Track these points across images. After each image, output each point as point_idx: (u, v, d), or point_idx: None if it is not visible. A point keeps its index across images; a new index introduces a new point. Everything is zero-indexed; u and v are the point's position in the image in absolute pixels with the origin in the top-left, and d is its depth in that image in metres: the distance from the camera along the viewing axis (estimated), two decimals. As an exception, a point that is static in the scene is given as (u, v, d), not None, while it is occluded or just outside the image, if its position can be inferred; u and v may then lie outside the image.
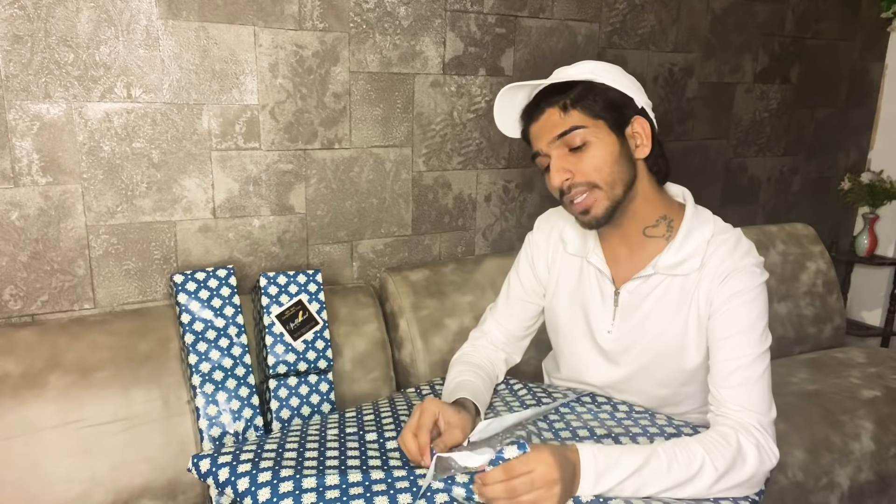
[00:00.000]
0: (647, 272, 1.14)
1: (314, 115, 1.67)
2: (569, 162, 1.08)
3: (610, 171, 1.07)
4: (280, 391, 1.45)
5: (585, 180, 1.07)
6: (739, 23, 2.32)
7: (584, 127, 1.06)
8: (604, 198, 1.08)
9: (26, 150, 1.41)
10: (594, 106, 1.07)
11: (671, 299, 1.13)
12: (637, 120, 1.10)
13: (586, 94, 1.07)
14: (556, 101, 1.08)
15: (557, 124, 1.08)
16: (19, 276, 1.45)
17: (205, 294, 1.44)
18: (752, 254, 1.11)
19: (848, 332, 2.47)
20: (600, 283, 1.20)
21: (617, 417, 1.14)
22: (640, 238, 1.15)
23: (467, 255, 1.97)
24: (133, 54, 1.45)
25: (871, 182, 2.60)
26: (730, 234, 1.13)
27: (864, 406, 1.75)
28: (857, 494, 1.61)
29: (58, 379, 1.32)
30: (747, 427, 1.01)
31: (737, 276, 1.08)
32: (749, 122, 2.45)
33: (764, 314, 1.08)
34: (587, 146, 1.07)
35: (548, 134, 1.09)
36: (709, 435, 1.00)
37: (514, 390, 1.28)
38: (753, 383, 1.04)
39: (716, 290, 1.08)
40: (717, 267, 1.09)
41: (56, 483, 1.27)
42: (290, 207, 1.69)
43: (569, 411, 1.16)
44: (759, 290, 1.09)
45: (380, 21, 1.70)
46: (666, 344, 1.14)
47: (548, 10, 1.94)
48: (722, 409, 1.04)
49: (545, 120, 1.09)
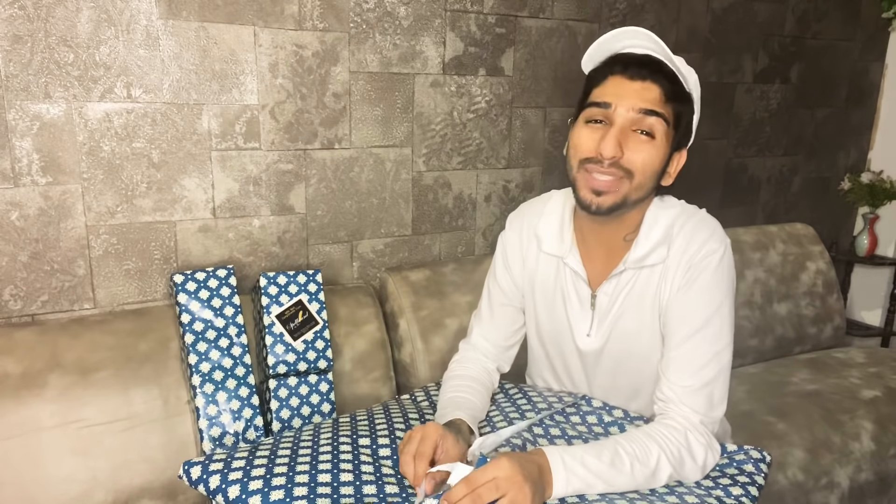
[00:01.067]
0: (619, 269, 1.12)
1: (314, 115, 1.67)
2: (627, 142, 1.01)
3: (649, 176, 1.03)
4: (280, 391, 1.45)
5: (628, 167, 1.01)
6: (739, 23, 2.32)
7: (667, 123, 1.02)
8: (624, 194, 1.03)
9: (26, 150, 1.41)
10: (682, 115, 1.05)
11: (643, 294, 1.11)
12: (683, 153, 1.09)
13: (684, 99, 1.05)
14: (664, 82, 1.02)
15: (654, 102, 1.01)
16: (19, 276, 1.45)
17: (205, 294, 1.44)
18: (715, 238, 1.07)
19: (848, 332, 2.47)
20: (576, 285, 1.17)
21: (605, 423, 1.13)
22: (620, 243, 1.13)
23: (467, 255, 1.97)
24: (133, 54, 1.46)
25: (871, 182, 2.60)
26: (691, 216, 1.10)
27: (864, 406, 1.75)
28: (857, 494, 1.61)
29: (58, 379, 1.32)
30: (696, 427, 1.03)
31: (697, 266, 1.06)
32: (749, 122, 2.45)
33: (726, 304, 1.06)
34: (653, 141, 1.02)
35: (638, 101, 1.01)
36: (660, 431, 1.01)
37: (510, 395, 1.27)
38: (705, 385, 1.04)
39: (678, 279, 1.07)
40: (679, 257, 1.07)
41: (56, 483, 1.27)
42: (290, 207, 1.69)
43: (563, 419, 1.15)
44: (721, 279, 1.06)
45: (380, 21, 1.70)
46: (642, 343, 1.13)
47: (548, 10, 1.94)
48: (671, 405, 1.05)
49: (644, 88, 1.01)
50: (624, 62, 1.03)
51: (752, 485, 1.03)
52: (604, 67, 1.06)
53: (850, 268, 2.79)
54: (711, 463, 1.04)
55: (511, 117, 1.93)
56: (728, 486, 1.02)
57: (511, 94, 1.93)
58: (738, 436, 1.52)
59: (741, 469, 1.07)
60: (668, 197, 1.14)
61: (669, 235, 1.09)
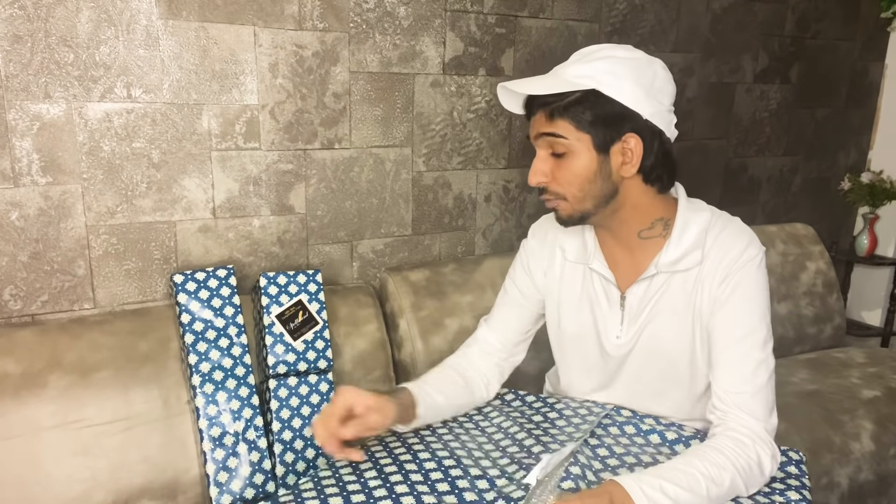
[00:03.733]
0: (650, 272, 1.11)
1: (314, 115, 1.67)
2: (548, 165, 1.07)
3: (581, 187, 1.06)
4: (280, 391, 1.45)
5: (556, 189, 1.08)
6: (739, 23, 2.32)
7: (565, 138, 1.04)
8: (569, 208, 1.08)
9: (26, 150, 1.41)
10: (582, 119, 1.03)
11: (676, 298, 1.11)
12: (629, 137, 1.04)
13: (578, 103, 1.03)
14: (548, 103, 1.05)
15: (542, 126, 1.07)
16: (19, 276, 1.45)
17: (205, 294, 1.44)
18: (753, 244, 1.08)
19: (848, 332, 2.47)
20: (605, 288, 1.17)
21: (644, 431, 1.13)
22: (637, 241, 1.13)
23: (467, 255, 1.97)
24: (133, 54, 1.46)
25: (871, 182, 2.60)
26: (727, 223, 1.10)
27: (864, 406, 1.75)
28: (857, 494, 1.61)
29: (58, 379, 1.32)
30: (762, 436, 1.03)
31: (738, 273, 1.06)
32: (749, 122, 2.45)
33: (767, 311, 1.08)
34: (567, 156, 1.05)
35: (534, 130, 1.09)
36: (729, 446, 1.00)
37: (538, 409, 1.24)
38: (759, 390, 1.05)
39: (717, 288, 1.07)
40: (717, 264, 1.07)
41: (56, 483, 1.27)
42: (290, 207, 1.69)
43: (604, 433, 1.14)
44: (762, 286, 1.07)
45: (380, 21, 1.70)
46: (671, 346, 1.13)
47: (548, 10, 1.94)
48: (730, 414, 1.05)
49: (535, 120, 1.09)
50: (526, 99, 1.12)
51: (804, 488, 1.04)
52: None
53: (850, 268, 2.79)
54: (773, 472, 1.04)
55: (511, 117, 1.93)
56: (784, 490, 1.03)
57: (511, 94, 1.93)
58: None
59: (787, 472, 1.08)
60: (697, 200, 1.15)
61: (702, 240, 1.09)
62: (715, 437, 1.03)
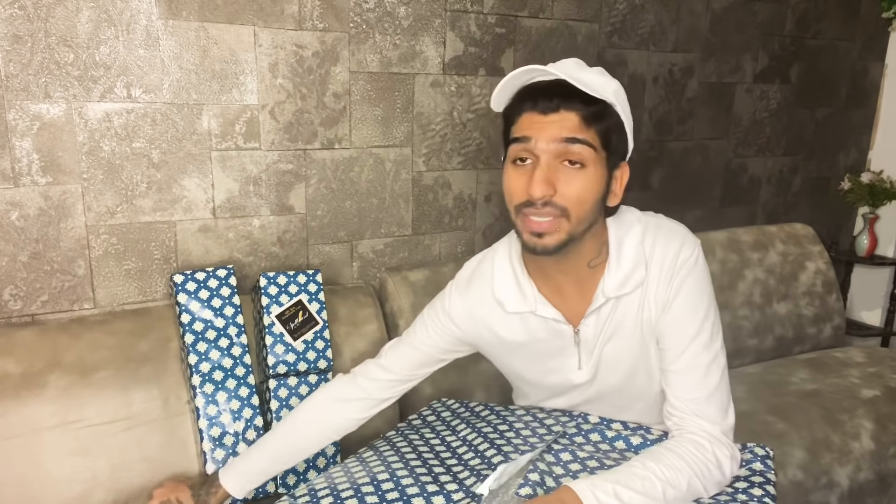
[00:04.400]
0: (599, 302, 1.05)
1: (314, 115, 1.67)
2: (557, 177, 0.94)
3: (588, 207, 0.96)
4: (280, 391, 1.45)
5: (563, 204, 0.94)
6: (739, 23, 2.32)
7: (593, 148, 0.95)
8: (565, 231, 0.96)
9: (26, 150, 1.41)
10: (610, 133, 0.96)
11: (626, 316, 1.07)
12: (623, 167, 1.01)
13: (607, 116, 0.96)
14: (579, 107, 0.94)
15: (573, 129, 0.94)
16: (19, 276, 1.45)
17: (205, 294, 1.45)
18: (686, 244, 1.04)
19: (848, 332, 2.47)
20: (555, 329, 1.09)
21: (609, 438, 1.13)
22: (586, 271, 1.06)
23: (467, 255, 1.97)
24: (133, 54, 1.46)
25: (871, 182, 2.60)
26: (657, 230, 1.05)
27: (863, 406, 1.75)
28: (857, 494, 1.61)
29: (58, 379, 1.32)
30: (719, 438, 1.02)
31: (675, 278, 1.03)
32: (749, 122, 2.45)
33: (711, 308, 1.05)
34: (584, 170, 0.95)
35: (557, 132, 0.94)
36: (687, 448, 0.99)
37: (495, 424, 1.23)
38: (712, 393, 1.03)
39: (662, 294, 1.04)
40: (658, 273, 1.04)
41: (56, 483, 1.27)
42: (290, 207, 1.69)
43: (568, 442, 1.13)
44: (701, 285, 1.04)
45: (380, 21, 1.70)
46: (629, 365, 1.10)
47: (548, 10, 1.94)
48: (686, 420, 1.04)
49: (561, 119, 0.94)
50: (532, 97, 0.97)
51: (768, 483, 1.04)
52: (515, 104, 1.00)
53: (849, 268, 2.79)
54: (734, 472, 1.04)
55: (511, 117, 1.93)
56: (747, 488, 1.03)
57: (511, 94, 1.93)
58: (737, 436, 1.51)
59: (752, 469, 1.08)
60: (621, 213, 1.07)
61: (641, 254, 1.04)
62: (672, 440, 1.02)
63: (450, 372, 1.64)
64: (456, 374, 1.64)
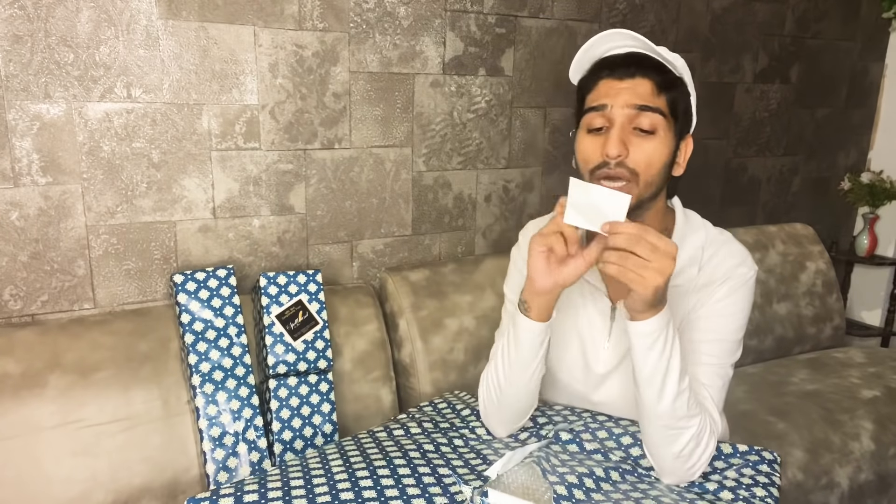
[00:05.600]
0: None
1: (314, 115, 1.67)
2: (630, 140, 0.99)
3: (656, 171, 1.01)
4: (280, 391, 1.45)
5: (633, 167, 0.99)
6: (739, 23, 2.32)
7: (664, 115, 1.00)
8: (636, 190, 1.00)
9: (26, 150, 1.41)
10: (678, 102, 1.02)
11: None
12: (688, 139, 1.07)
13: (677, 86, 1.03)
14: (653, 75, 1.00)
15: (646, 97, 1.00)
16: (19, 276, 1.45)
17: (205, 294, 1.44)
18: (745, 264, 1.10)
19: (848, 332, 2.47)
20: (595, 299, 1.15)
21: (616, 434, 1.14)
22: None
23: (467, 255, 1.97)
24: (133, 54, 1.46)
25: (871, 182, 2.60)
26: (723, 244, 1.12)
27: (863, 406, 1.75)
28: (857, 494, 1.61)
29: (58, 379, 1.32)
30: (717, 422, 1.06)
31: (730, 284, 1.08)
32: (749, 122, 2.45)
33: (743, 328, 1.11)
34: (655, 136, 1.00)
35: (632, 98, 1.00)
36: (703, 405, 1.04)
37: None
38: (718, 391, 1.08)
39: (709, 293, 1.08)
40: (712, 273, 1.09)
41: (56, 483, 1.27)
42: (290, 207, 1.69)
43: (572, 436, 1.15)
44: (745, 304, 1.10)
45: (380, 21, 1.70)
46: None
47: (548, 10, 1.94)
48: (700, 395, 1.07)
49: (635, 84, 1.00)
50: (609, 65, 1.03)
51: (773, 485, 1.06)
52: (591, 74, 1.06)
53: (849, 268, 2.79)
54: (710, 456, 1.05)
55: (511, 117, 1.93)
56: (750, 485, 1.05)
57: (511, 94, 1.93)
58: (737, 436, 1.52)
59: (757, 469, 1.08)
60: (691, 214, 1.15)
61: (698, 258, 1.09)
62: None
63: (450, 372, 1.64)
64: (456, 374, 1.64)
